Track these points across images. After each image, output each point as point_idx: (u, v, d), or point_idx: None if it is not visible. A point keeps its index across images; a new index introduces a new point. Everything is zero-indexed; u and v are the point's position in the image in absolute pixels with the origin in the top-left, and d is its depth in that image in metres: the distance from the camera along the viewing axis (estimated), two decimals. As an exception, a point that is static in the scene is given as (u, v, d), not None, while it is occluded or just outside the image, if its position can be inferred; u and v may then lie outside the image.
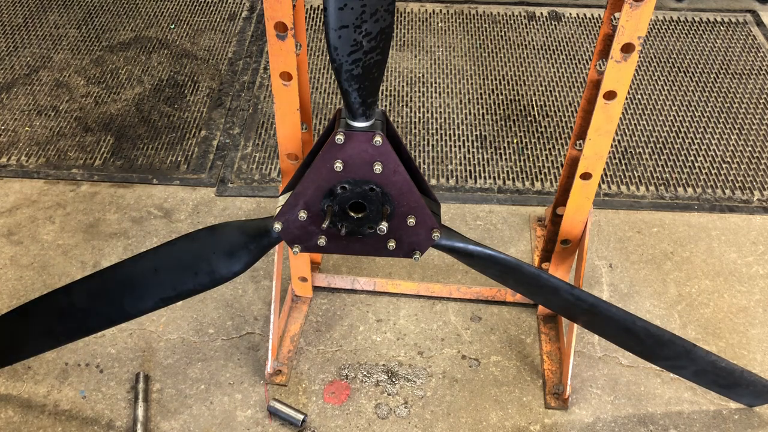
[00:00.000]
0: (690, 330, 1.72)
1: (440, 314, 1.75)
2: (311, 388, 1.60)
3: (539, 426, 1.55)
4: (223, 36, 2.62)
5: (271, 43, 1.27)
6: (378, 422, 1.55)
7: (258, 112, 2.31)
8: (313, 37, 2.61)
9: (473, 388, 1.61)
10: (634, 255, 1.89)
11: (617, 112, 1.31)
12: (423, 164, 2.13)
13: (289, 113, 1.38)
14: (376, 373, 1.63)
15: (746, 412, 1.58)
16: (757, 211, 2.01)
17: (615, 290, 1.80)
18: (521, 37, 2.62)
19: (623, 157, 2.16)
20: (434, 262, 1.85)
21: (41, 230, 1.93)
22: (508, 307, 1.76)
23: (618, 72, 1.24)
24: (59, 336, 1.44)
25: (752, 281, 1.83)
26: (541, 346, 1.68)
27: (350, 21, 0.94)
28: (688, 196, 2.05)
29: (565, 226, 1.53)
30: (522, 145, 2.20)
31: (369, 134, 1.11)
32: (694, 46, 2.59)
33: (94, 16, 2.69)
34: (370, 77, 1.02)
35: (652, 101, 2.35)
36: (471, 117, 2.29)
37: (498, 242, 1.91)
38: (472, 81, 2.42)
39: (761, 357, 1.67)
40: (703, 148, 2.19)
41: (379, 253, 1.28)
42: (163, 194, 2.04)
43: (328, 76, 2.44)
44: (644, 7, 1.16)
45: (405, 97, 2.36)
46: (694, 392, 1.60)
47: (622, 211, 2.00)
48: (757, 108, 2.33)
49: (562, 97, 2.37)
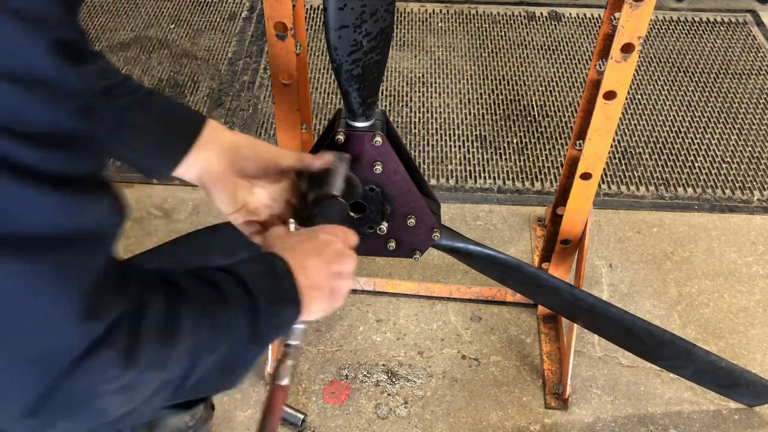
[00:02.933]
0: (690, 330, 1.72)
1: (440, 314, 1.75)
2: (311, 388, 1.60)
3: (539, 426, 1.55)
4: (223, 36, 2.62)
5: (271, 43, 1.27)
6: (378, 422, 1.55)
7: (258, 112, 2.31)
8: (313, 37, 2.61)
9: (473, 388, 1.61)
10: (634, 255, 1.89)
11: (617, 112, 1.30)
12: (423, 164, 2.13)
13: (288, 113, 1.38)
14: (376, 373, 1.63)
15: (746, 412, 1.58)
16: (757, 211, 2.01)
17: (615, 290, 1.80)
18: (521, 37, 2.62)
19: (623, 157, 2.16)
20: (434, 262, 1.85)
21: (41, 230, 1.92)
22: (508, 307, 1.76)
23: (618, 72, 1.24)
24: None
25: (752, 281, 1.83)
26: (541, 346, 1.68)
27: (350, 21, 0.94)
28: (688, 196, 2.05)
29: (565, 226, 1.53)
30: (522, 145, 2.20)
31: (369, 134, 1.11)
32: (694, 46, 2.59)
33: (94, 16, 2.69)
34: (370, 77, 1.02)
35: (652, 101, 2.35)
36: (471, 117, 2.29)
37: (498, 242, 1.91)
38: (472, 81, 2.42)
39: (761, 357, 1.67)
40: (703, 148, 2.19)
41: (379, 253, 1.28)
42: (163, 194, 2.04)
43: (328, 76, 2.44)
44: (644, 7, 1.16)
45: (405, 97, 2.36)
46: (694, 392, 1.60)
47: (622, 211, 2.00)
48: (757, 108, 2.33)
49: (562, 97, 2.37)
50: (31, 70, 0.51)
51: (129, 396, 0.63)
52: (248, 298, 0.73)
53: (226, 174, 0.98)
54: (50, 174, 0.53)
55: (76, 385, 0.58)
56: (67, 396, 0.58)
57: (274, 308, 0.76)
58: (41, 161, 0.52)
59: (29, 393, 0.56)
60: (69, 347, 0.57)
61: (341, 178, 1.01)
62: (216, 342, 0.70)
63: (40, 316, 0.55)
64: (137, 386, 0.63)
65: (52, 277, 0.54)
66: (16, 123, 0.50)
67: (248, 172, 0.98)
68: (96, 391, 0.59)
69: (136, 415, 0.66)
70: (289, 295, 0.79)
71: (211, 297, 0.71)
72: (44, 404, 0.57)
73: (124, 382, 0.61)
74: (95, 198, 0.57)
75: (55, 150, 0.53)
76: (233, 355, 0.72)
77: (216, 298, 0.71)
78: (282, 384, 0.84)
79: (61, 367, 0.57)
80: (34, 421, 0.58)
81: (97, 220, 0.57)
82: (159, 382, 0.65)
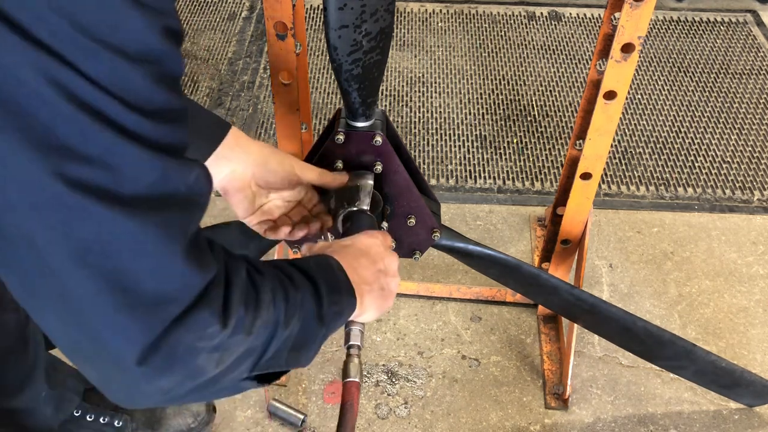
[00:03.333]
0: (690, 330, 1.72)
1: (440, 314, 1.75)
2: (311, 388, 1.60)
3: (539, 426, 1.55)
4: (223, 36, 2.62)
5: (270, 43, 1.27)
6: (378, 422, 1.55)
7: (258, 112, 2.31)
8: (313, 37, 2.61)
9: (473, 388, 1.61)
10: (634, 255, 1.89)
11: (617, 112, 1.30)
12: (423, 164, 2.13)
13: (288, 113, 1.38)
14: (376, 373, 1.63)
15: (746, 412, 1.58)
16: (758, 211, 2.01)
17: (615, 290, 1.80)
18: (521, 37, 2.62)
19: (623, 157, 2.16)
20: (434, 262, 1.85)
21: (41, 230, 1.92)
22: (508, 307, 1.76)
23: (618, 72, 1.24)
24: None
25: (752, 281, 1.83)
26: (541, 346, 1.68)
27: (350, 21, 0.94)
28: (688, 196, 2.05)
29: (565, 226, 1.53)
30: (522, 145, 2.20)
31: (369, 134, 1.11)
32: (694, 46, 2.59)
33: (93, 16, 2.69)
34: (370, 77, 1.02)
35: (652, 101, 2.35)
36: (471, 117, 2.29)
37: (498, 242, 1.91)
38: (472, 81, 2.42)
39: (761, 357, 1.67)
40: (703, 148, 2.19)
41: (379, 253, 1.28)
42: (162, 194, 2.03)
43: (328, 76, 2.44)
44: (644, 7, 1.16)
45: (405, 97, 2.36)
46: (694, 392, 1.60)
47: (622, 211, 2.00)
48: (757, 108, 2.33)
49: (562, 97, 2.37)
50: (144, 50, 0.57)
51: (221, 357, 0.67)
52: (312, 283, 0.80)
53: (250, 184, 1.05)
54: (157, 140, 0.59)
55: (180, 339, 0.62)
56: (173, 348, 0.62)
57: (334, 296, 0.83)
58: (149, 129, 0.58)
59: (143, 339, 0.61)
60: (178, 298, 0.62)
61: (368, 196, 1.10)
62: (290, 317, 0.75)
63: (152, 269, 0.60)
64: (228, 348, 0.67)
65: (160, 233, 0.60)
66: (128, 94, 0.56)
67: (271, 183, 1.06)
68: (196, 347, 0.64)
69: (221, 386, 0.70)
70: (344, 286, 0.87)
71: (281, 277, 0.77)
72: (154, 353, 0.61)
73: (217, 342, 0.66)
74: (191, 167, 0.63)
75: (160, 121, 0.59)
76: (303, 333, 0.78)
77: (285, 279, 0.77)
78: (354, 380, 0.93)
79: (170, 317, 0.62)
80: (143, 370, 0.62)
81: (193, 186, 0.63)
82: (244, 348, 0.69)
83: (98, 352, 0.62)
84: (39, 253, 0.57)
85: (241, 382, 0.74)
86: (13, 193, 0.55)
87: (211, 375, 0.67)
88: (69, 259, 0.57)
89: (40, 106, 0.53)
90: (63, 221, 0.56)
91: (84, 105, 0.54)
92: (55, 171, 0.54)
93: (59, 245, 0.57)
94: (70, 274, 0.58)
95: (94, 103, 0.55)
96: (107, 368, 0.63)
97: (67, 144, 0.54)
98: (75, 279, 0.58)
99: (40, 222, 0.56)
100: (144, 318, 0.60)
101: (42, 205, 0.55)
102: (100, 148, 0.56)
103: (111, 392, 0.66)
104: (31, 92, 0.53)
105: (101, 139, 0.55)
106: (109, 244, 0.58)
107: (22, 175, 0.54)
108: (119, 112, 0.56)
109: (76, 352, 0.64)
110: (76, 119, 0.54)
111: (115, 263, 0.58)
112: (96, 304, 0.59)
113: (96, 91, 0.55)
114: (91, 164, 0.55)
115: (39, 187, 0.55)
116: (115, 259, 0.58)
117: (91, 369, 0.65)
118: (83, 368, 0.65)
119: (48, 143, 0.54)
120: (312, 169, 1.08)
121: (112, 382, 0.65)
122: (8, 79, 0.52)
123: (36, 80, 0.52)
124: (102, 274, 0.58)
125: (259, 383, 0.76)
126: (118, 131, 0.56)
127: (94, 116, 0.55)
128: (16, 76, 0.52)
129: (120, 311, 0.59)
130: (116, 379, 0.64)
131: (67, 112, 0.54)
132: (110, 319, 0.60)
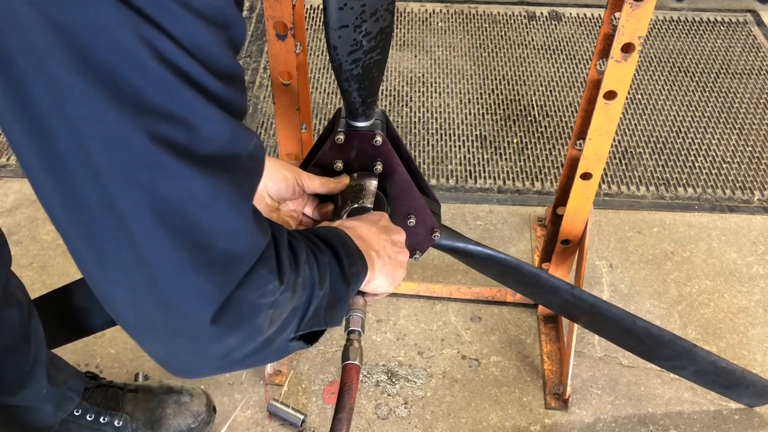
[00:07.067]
0: (690, 330, 1.72)
1: (440, 314, 1.75)
2: (311, 389, 1.60)
3: (539, 426, 1.55)
4: (223, 36, 2.62)
5: (270, 43, 1.27)
6: (378, 422, 1.55)
7: (258, 112, 2.31)
8: (313, 37, 2.61)
9: (473, 388, 1.61)
10: (634, 255, 1.89)
11: (617, 112, 1.30)
12: (423, 164, 2.13)
13: (288, 113, 1.38)
14: (376, 373, 1.63)
15: (746, 412, 1.58)
16: (758, 211, 2.01)
17: (615, 290, 1.80)
18: (521, 37, 2.62)
19: (623, 157, 2.16)
20: (434, 262, 1.85)
21: (41, 230, 1.92)
22: (508, 307, 1.76)
23: (618, 72, 1.24)
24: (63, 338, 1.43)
25: (752, 281, 1.83)
26: (541, 347, 1.68)
27: (350, 20, 0.94)
28: (688, 196, 2.05)
29: (565, 226, 1.53)
30: (522, 145, 2.20)
31: (369, 134, 1.11)
32: (694, 46, 2.59)
33: (93, 16, 2.69)
34: (370, 77, 1.02)
35: (652, 101, 2.35)
36: (471, 117, 2.29)
37: (498, 242, 1.91)
38: (472, 81, 2.42)
39: (761, 357, 1.67)
40: (703, 148, 2.19)
41: (379, 253, 1.28)
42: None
43: (328, 76, 2.44)
44: (644, 7, 1.16)
45: (405, 97, 2.36)
46: (694, 392, 1.60)
47: (622, 211, 2.00)
48: (757, 108, 2.33)
49: (562, 97, 2.37)
50: (219, 15, 0.59)
51: (274, 315, 0.70)
52: (330, 248, 0.85)
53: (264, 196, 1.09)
54: (227, 103, 0.61)
55: (245, 296, 0.65)
56: (240, 305, 0.65)
57: (351, 258, 0.87)
58: (224, 92, 0.60)
59: (218, 298, 0.63)
60: (246, 258, 0.65)
61: (372, 195, 1.12)
62: (322, 277, 0.79)
63: (225, 229, 0.62)
64: (279, 305, 0.70)
65: (231, 193, 0.62)
66: (208, 57, 0.58)
67: (282, 193, 1.10)
68: (259, 304, 0.67)
69: (273, 347, 0.73)
70: (356, 251, 0.90)
71: (308, 242, 0.81)
72: (225, 311, 0.63)
73: (273, 298, 0.69)
74: (251, 133, 0.66)
75: (229, 85, 0.61)
76: (334, 292, 0.82)
77: (311, 243, 0.82)
78: (354, 363, 0.95)
79: (240, 276, 0.64)
80: (216, 329, 0.63)
81: (253, 152, 0.65)
82: (292, 306, 0.73)
83: (169, 318, 0.63)
84: (119, 218, 0.58)
85: (290, 343, 0.76)
86: (100, 154, 0.56)
87: (267, 335, 0.70)
88: (151, 219, 0.58)
89: (130, 65, 0.54)
90: (149, 180, 0.57)
91: (172, 66, 0.56)
92: (144, 129, 0.56)
93: (143, 206, 0.58)
94: (150, 235, 0.59)
95: (181, 65, 0.56)
96: (176, 335, 0.64)
97: (155, 103, 0.56)
98: (154, 240, 0.59)
99: (125, 183, 0.57)
100: (218, 277, 0.62)
101: (128, 164, 0.56)
102: (185, 108, 0.57)
103: (176, 361, 0.67)
104: (123, 51, 0.54)
105: (187, 99, 0.57)
106: (188, 203, 0.59)
107: (109, 134, 0.55)
108: (202, 74, 0.58)
109: (143, 324, 0.65)
110: (165, 79, 0.56)
111: (193, 222, 0.60)
112: (173, 265, 0.60)
113: (182, 53, 0.56)
114: (175, 123, 0.57)
115: (126, 145, 0.56)
116: (192, 218, 0.59)
117: (156, 341, 0.66)
118: (147, 342, 0.66)
119: (136, 102, 0.55)
120: (314, 178, 1.11)
121: (179, 349, 0.66)
122: (101, 39, 0.53)
123: (129, 39, 0.54)
124: (180, 233, 0.59)
125: (306, 343, 0.79)
126: (200, 92, 0.58)
127: (181, 77, 0.56)
128: (109, 36, 0.53)
129: (196, 270, 0.61)
130: (184, 345, 0.65)
131: (157, 72, 0.55)
132: (186, 279, 0.61)
